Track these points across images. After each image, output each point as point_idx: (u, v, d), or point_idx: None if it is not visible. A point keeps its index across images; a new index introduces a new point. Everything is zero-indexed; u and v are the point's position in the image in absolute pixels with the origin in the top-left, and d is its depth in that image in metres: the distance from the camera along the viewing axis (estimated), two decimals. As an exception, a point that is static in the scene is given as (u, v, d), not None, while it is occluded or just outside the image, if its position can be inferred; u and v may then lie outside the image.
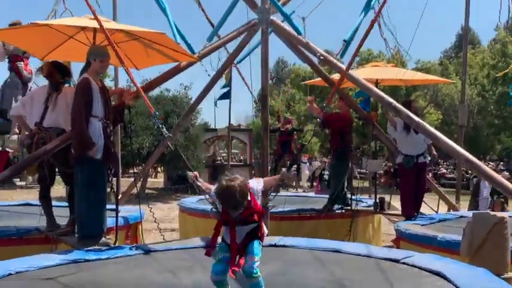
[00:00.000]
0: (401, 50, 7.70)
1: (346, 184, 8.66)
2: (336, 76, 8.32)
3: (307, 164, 31.09)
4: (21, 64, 7.55)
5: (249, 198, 3.39)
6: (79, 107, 4.99)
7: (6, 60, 7.66)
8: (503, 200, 10.37)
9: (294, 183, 18.45)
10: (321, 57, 6.88)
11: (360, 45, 6.52)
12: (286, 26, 6.97)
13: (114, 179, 5.56)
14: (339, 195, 8.47)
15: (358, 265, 4.55)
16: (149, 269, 4.46)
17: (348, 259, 4.74)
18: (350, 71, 6.82)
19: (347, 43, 6.81)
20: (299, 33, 6.87)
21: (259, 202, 3.56)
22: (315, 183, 29.10)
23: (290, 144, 10.40)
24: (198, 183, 3.83)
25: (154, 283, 4.00)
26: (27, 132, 5.91)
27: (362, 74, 7.92)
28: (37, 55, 6.47)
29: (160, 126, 5.40)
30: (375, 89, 6.87)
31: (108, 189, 5.43)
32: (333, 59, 6.95)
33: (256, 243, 3.46)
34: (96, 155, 5.03)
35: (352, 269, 4.45)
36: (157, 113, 5.39)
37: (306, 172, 29.89)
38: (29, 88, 7.51)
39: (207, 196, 3.87)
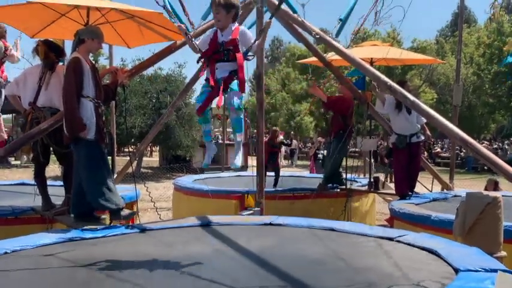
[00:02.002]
0: (396, 28, 7.64)
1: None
2: (331, 55, 8.29)
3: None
4: None
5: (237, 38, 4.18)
6: (70, 87, 4.89)
7: None
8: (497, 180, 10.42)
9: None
10: (317, 36, 6.84)
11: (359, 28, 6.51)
12: (282, 5, 6.90)
13: (109, 157, 5.51)
14: (334, 174, 8.51)
15: (353, 241, 4.60)
16: (145, 245, 4.49)
17: (342, 236, 4.78)
18: (346, 50, 6.79)
19: (343, 22, 6.77)
20: (294, 11, 6.82)
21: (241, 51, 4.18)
22: (292, 161, 29.46)
23: (277, 155, 10.70)
24: (188, 33, 4.46)
25: (149, 256, 4.03)
26: None
27: (357, 53, 7.89)
28: (28, 32, 6.36)
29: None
30: (371, 68, 6.84)
31: None
32: (328, 37, 6.90)
33: (235, 82, 4.13)
34: (88, 136, 4.97)
35: (347, 245, 4.50)
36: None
37: (282, 149, 30.15)
38: (2, 94, 7.34)
39: (194, 44, 4.38)
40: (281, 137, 11.96)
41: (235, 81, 4.17)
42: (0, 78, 7.27)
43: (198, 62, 4.40)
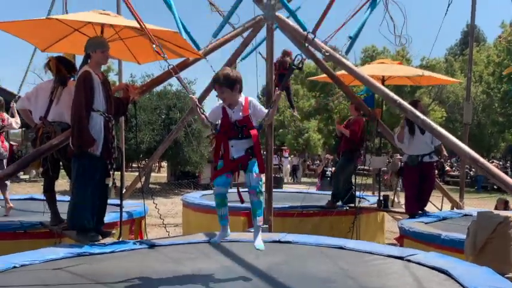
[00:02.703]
0: (406, 45, 7.63)
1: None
2: (340, 73, 8.31)
3: (288, 158, 31.49)
4: None
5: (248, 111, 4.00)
6: (80, 101, 4.86)
7: None
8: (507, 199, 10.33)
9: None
10: (326, 54, 6.85)
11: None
12: (291, 22, 6.95)
13: (117, 173, 5.51)
14: (343, 193, 8.47)
15: (362, 260, 4.56)
16: (153, 261, 4.49)
17: (351, 255, 4.74)
18: (355, 68, 6.79)
19: (352, 40, 6.79)
20: (304, 29, 6.85)
21: (255, 123, 4.06)
22: (295, 177, 29.49)
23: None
24: (199, 106, 4.23)
25: (157, 273, 4.02)
26: None
27: (368, 70, 7.90)
28: (39, 46, 6.40)
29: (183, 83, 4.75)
30: (380, 85, 6.83)
31: (110, 184, 5.37)
32: (338, 55, 6.92)
33: (254, 162, 3.96)
34: (95, 151, 4.93)
35: (356, 263, 4.45)
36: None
37: (287, 167, 30.28)
38: (5, 164, 7.43)
39: (204, 117, 4.20)
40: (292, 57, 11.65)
41: (254, 160, 3.99)
42: (0, 148, 7.34)
43: (208, 138, 4.34)
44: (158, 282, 3.77)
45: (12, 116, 7.35)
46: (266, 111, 4.17)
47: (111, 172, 5.24)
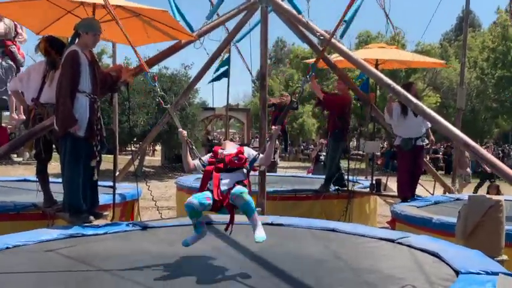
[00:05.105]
0: (401, 30, 7.62)
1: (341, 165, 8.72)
2: (335, 57, 8.29)
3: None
4: (14, 48, 7.49)
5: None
6: (65, 81, 4.82)
7: None
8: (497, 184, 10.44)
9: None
10: (321, 37, 6.84)
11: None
12: (286, 5, 6.92)
13: (111, 155, 5.51)
14: (336, 176, 8.50)
15: (354, 243, 4.60)
16: (146, 243, 4.50)
17: (343, 237, 4.78)
18: (349, 52, 6.79)
19: (347, 23, 6.77)
20: (299, 12, 6.82)
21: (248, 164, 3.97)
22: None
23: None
24: (187, 140, 4.13)
25: (150, 254, 4.05)
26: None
27: (363, 54, 7.89)
28: (33, 29, 6.35)
29: (153, 85, 4.67)
30: (374, 70, 6.84)
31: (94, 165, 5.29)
32: (332, 39, 6.89)
33: (239, 186, 3.72)
34: (78, 132, 4.88)
35: (348, 246, 4.50)
36: (153, 72, 5.06)
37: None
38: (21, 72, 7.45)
39: (194, 151, 4.16)
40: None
41: (238, 186, 3.76)
42: (18, 55, 7.36)
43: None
44: (151, 263, 3.79)
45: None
46: (256, 154, 4.10)
47: (96, 153, 5.17)
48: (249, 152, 4.11)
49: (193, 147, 4.22)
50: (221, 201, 3.74)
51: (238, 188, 3.68)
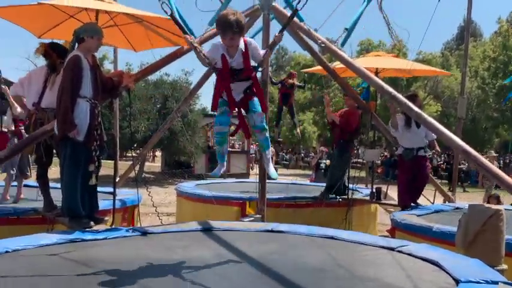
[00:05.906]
0: (402, 39, 7.66)
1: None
2: (336, 65, 8.30)
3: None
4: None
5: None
6: (66, 86, 4.82)
7: None
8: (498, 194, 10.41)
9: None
10: (322, 45, 6.86)
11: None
12: (288, 13, 6.93)
13: (111, 161, 5.51)
14: (337, 185, 8.49)
15: (354, 250, 4.59)
16: (145, 248, 4.49)
17: (343, 245, 4.76)
18: (351, 60, 6.80)
19: (348, 32, 6.79)
20: (301, 20, 6.84)
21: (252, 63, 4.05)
22: None
23: (290, 96, 11.84)
24: (195, 45, 4.11)
25: (150, 260, 4.03)
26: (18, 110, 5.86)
27: (362, 62, 7.90)
28: (35, 32, 6.36)
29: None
30: (375, 78, 6.85)
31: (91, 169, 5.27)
32: (334, 47, 6.92)
33: (254, 101, 4.07)
34: (77, 137, 4.87)
35: (348, 253, 4.49)
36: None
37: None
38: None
39: (203, 56, 4.04)
40: (295, 80, 12.13)
41: (254, 100, 4.10)
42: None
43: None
44: (150, 269, 3.78)
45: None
46: (263, 52, 4.13)
47: (95, 160, 5.15)
48: (253, 49, 4.04)
49: (202, 51, 4.11)
50: (235, 107, 4.10)
51: (263, 124, 4.15)
